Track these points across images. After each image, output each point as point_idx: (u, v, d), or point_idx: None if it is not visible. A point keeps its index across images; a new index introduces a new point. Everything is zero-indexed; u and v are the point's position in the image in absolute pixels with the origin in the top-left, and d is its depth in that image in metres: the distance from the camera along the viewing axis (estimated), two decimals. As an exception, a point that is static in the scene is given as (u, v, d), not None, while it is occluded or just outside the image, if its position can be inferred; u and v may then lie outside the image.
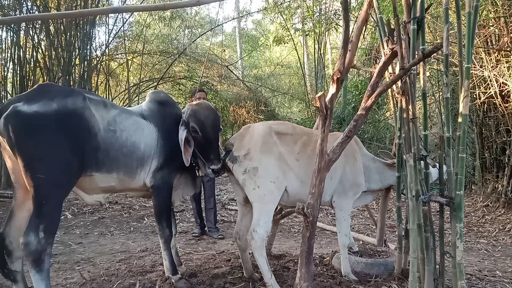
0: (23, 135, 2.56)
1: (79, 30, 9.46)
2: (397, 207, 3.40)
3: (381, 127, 11.47)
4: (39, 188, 2.58)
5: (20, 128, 2.55)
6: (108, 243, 5.25)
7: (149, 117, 3.32)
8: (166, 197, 3.38)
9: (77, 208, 7.16)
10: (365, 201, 4.03)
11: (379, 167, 3.73)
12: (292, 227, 6.48)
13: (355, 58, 3.30)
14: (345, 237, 3.50)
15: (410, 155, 2.70)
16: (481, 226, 6.65)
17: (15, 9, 8.97)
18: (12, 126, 2.54)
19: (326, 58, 17.58)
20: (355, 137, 3.68)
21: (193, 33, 16.38)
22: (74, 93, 2.85)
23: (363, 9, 3.17)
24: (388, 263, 3.48)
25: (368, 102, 2.85)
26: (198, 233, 5.64)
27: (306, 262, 2.88)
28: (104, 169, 2.93)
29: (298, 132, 3.47)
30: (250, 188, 3.21)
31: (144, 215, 6.92)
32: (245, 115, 12.15)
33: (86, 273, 3.77)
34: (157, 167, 3.26)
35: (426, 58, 2.67)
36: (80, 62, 9.76)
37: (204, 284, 3.36)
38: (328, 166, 2.90)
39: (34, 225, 2.56)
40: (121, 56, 13.43)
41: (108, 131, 2.94)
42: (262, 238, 3.10)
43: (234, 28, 25.12)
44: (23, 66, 8.96)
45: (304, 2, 14.13)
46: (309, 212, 2.83)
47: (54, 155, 2.64)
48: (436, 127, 11.71)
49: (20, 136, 2.55)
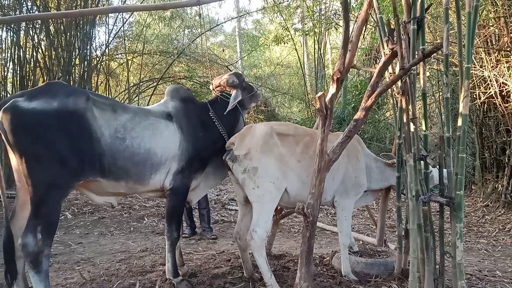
0: (19, 130, 2.53)
1: (79, 30, 9.45)
2: (397, 207, 3.40)
3: (381, 127, 11.48)
4: (36, 188, 2.55)
5: (16, 123, 2.52)
6: (108, 243, 5.24)
7: (173, 117, 3.24)
8: (181, 200, 3.33)
9: (77, 208, 7.16)
10: (366, 201, 4.03)
11: (380, 167, 3.73)
12: (292, 227, 6.49)
13: (355, 58, 3.30)
14: (346, 237, 3.50)
15: (410, 155, 2.70)
16: (481, 226, 6.65)
17: (15, 8, 8.96)
18: (8, 121, 2.51)
19: (326, 58, 17.57)
20: (357, 137, 3.68)
21: (193, 33, 16.36)
22: (77, 93, 2.78)
23: (363, 9, 3.17)
24: (388, 263, 3.48)
25: (368, 102, 2.85)
26: (188, 233, 5.60)
27: (306, 262, 2.87)
28: (111, 176, 2.87)
29: (300, 133, 3.47)
30: (249, 188, 3.21)
31: (144, 215, 6.92)
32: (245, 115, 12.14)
33: (86, 273, 3.77)
34: (177, 170, 3.19)
35: (426, 58, 2.67)
36: (80, 62, 9.76)
37: (204, 284, 3.36)
38: (328, 166, 2.90)
39: (32, 227, 2.54)
40: (121, 56, 13.42)
41: (115, 138, 2.85)
42: (261, 238, 3.10)
43: (234, 28, 25.12)
44: (23, 66, 8.95)
45: (304, 2, 14.13)
46: (309, 212, 2.83)
47: (50, 155, 2.59)
48: (436, 127, 11.72)
49: (16, 132, 2.52)
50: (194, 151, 3.27)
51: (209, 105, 3.61)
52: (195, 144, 3.27)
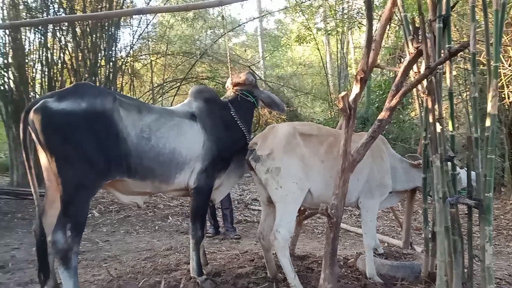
0: (49, 131, 2.59)
1: (104, 32, 9.66)
2: (424, 209, 3.34)
3: (405, 127, 11.29)
4: (65, 187, 2.62)
5: (47, 123, 2.58)
6: (134, 241, 5.34)
7: (198, 117, 3.28)
8: (205, 199, 3.37)
9: (103, 207, 7.32)
10: (391, 202, 3.97)
11: (406, 167, 3.67)
12: (315, 228, 6.46)
13: (378, 57, 3.26)
14: (370, 239, 3.46)
15: (437, 156, 2.66)
16: (511, 229, 6.47)
17: (42, 11, 9.22)
18: (39, 121, 2.57)
19: (349, 58, 17.42)
20: (382, 137, 3.64)
21: (215, 33, 16.47)
22: (105, 94, 2.84)
23: (387, 7, 3.12)
24: (414, 266, 3.42)
25: (392, 102, 2.82)
26: (212, 233, 5.65)
27: (330, 263, 2.86)
28: (137, 176, 2.91)
29: (323, 133, 3.45)
30: (272, 188, 3.21)
31: (169, 214, 7.01)
32: (267, 115, 12.14)
33: (113, 270, 3.85)
34: (201, 169, 3.23)
35: (452, 57, 2.63)
36: (105, 63, 9.97)
37: (228, 284, 3.38)
38: (352, 166, 2.87)
39: (62, 224, 2.61)
40: (145, 57, 13.65)
41: (141, 138, 2.89)
42: (285, 238, 3.10)
43: (256, 28, 25.12)
44: (51, 67, 9.19)
45: (326, 1, 14.03)
46: (333, 213, 2.81)
47: (79, 154, 2.65)
48: (463, 127, 11.43)
49: (47, 132, 2.59)
50: (218, 150, 3.30)
51: (230, 104, 3.64)
52: (218, 144, 3.31)
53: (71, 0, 9.50)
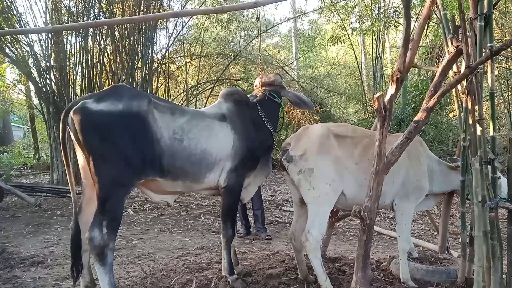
0: (88, 131, 2.69)
1: (141, 35, 9.89)
2: (462, 212, 3.24)
3: (443, 128, 10.94)
4: (102, 185, 2.71)
5: (86, 123, 2.68)
6: (167, 239, 5.44)
7: (228, 118, 3.35)
8: (236, 198, 3.41)
9: (138, 205, 7.50)
10: (428, 206, 3.84)
11: (443, 170, 3.56)
12: (348, 230, 6.36)
13: (416, 57, 3.18)
14: (405, 242, 3.38)
15: (476, 158, 2.57)
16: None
17: (83, 15, 9.55)
18: (78, 121, 2.67)
19: (385, 57, 17.09)
20: (419, 139, 3.56)
21: (249, 35, 16.56)
22: (140, 96, 2.92)
23: (426, 5, 3.04)
24: (450, 271, 3.32)
25: (430, 102, 2.74)
26: (243, 233, 5.66)
27: (363, 266, 2.81)
28: (169, 176, 2.98)
29: (358, 134, 3.40)
30: (305, 189, 3.19)
31: (201, 213, 7.10)
32: (300, 116, 12.07)
33: (146, 268, 3.94)
34: (231, 168, 3.28)
35: (494, 56, 2.54)
36: (142, 65, 10.21)
37: (258, 284, 3.39)
38: (386, 168, 2.82)
39: (98, 221, 2.70)
40: (180, 59, 13.88)
41: (174, 139, 2.96)
42: (316, 240, 3.08)
43: (290, 28, 25.10)
44: (90, 69, 9.51)
45: (362, 1, 13.83)
46: (366, 215, 2.76)
47: (115, 154, 2.73)
48: (505, 128, 10.98)
49: (85, 132, 2.68)
50: (247, 150, 3.34)
51: (258, 104, 3.69)
52: (247, 144, 3.35)
53: (110, 4, 9.81)
